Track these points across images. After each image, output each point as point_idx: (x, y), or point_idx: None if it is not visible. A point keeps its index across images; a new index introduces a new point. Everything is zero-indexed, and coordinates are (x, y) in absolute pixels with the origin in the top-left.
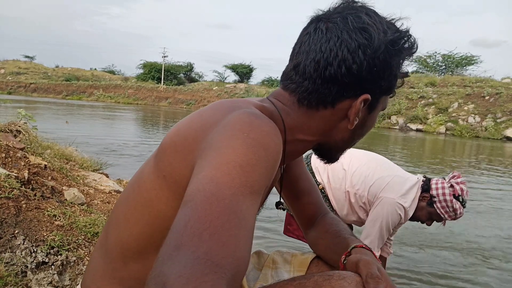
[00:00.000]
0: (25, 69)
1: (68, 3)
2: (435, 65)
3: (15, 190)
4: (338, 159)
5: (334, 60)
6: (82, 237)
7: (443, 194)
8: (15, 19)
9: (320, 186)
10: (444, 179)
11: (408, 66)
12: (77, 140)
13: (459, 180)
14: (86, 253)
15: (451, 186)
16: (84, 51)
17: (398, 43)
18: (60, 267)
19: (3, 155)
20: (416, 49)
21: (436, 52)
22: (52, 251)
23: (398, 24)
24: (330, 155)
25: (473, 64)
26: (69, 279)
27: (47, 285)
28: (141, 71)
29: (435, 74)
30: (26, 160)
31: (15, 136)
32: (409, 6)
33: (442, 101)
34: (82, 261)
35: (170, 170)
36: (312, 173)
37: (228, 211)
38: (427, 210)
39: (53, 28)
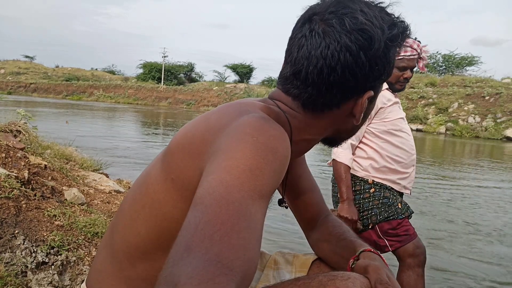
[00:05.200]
0: (25, 69)
1: (67, 3)
2: (435, 65)
3: (15, 190)
4: (341, 144)
5: (337, 65)
6: (82, 237)
7: None
8: (15, 19)
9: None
10: None
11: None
12: (77, 140)
13: None
14: (86, 253)
15: None
16: (84, 51)
17: (397, 38)
18: (60, 267)
19: (3, 155)
20: (410, 33)
21: (437, 52)
22: (52, 251)
23: (389, 10)
24: (335, 143)
25: (473, 64)
26: (69, 279)
27: (47, 285)
28: (141, 71)
29: (435, 74)
30: (26, 160)
31: (15, 136)
32: (409, 6)
33: (442, 101)
34: (82, 261)
35: (178, 173)
36: None
37: (237, 214)
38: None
39: (53, 28)
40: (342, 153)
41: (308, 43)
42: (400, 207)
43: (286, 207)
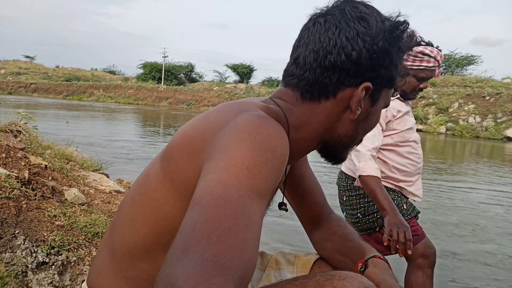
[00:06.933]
0: (26, 69)
1: (67, 3)
2: None
3: (15, 190)
4: (345, 158)
5: (333, 48)
6: (83, 237)
7: None
8: (15, 19)
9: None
10: None
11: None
12: (77, 140)
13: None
14: (86, 253)
15: None
16: (85, 51)
17: (396, 30)
18: (61, 267)
19: (4, 155)
20: (415, 43)
21: None
22: (52, 251)
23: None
24: (336, 154)
25: (473, 63)
26: (70, 279)
27: (48, 285)
28: (141, 71)
29: None
30: (27, 160)
31: (15, 136)
32: (409, 6)
33: (443, 101)
34: (82, 261)
35: (177, 172)
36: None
37: (235, 214)
38: (409, 76)
39: (53, 28)
40: (365, 165)
41: (309, 32)
42: (405, 207)
43: (286, 210)
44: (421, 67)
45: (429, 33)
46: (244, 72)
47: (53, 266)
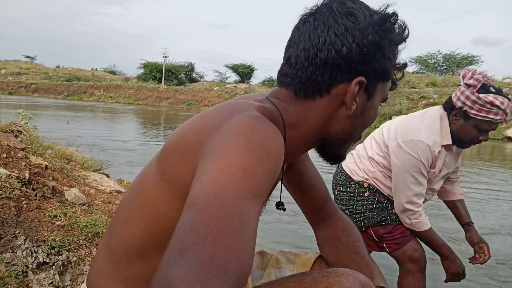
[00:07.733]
0: (26, 70)
1: (67, 3)
2: (436, 65)
3: (16, 190)
4: (343, 156)
5: (323, 45)
6: (83, 237)
7: (467, 97)
8: (15, 19)
9: (365, 184)
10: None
11: (409, 66)
12: (77, 140)
13: (472, 75)
14: (87, 253)
15: (468, 86)
16: (85, 51)
17: (385, 22)
18: (61, 267)
19: (4, 155)
20: (408, 34)
21: (438, 52)
22: (53, 251)
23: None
24: (334, 152)
25: (474, 64)
26: (70, 280)
27: (48, 285)
28: (142, 71)
29: (436, 74)
30: (27, 160)
31: (16, 136)
32: (409, 6)
33: (443, 101)
34: (83, 262)
35: (172, 172)
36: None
37: (231, 215)
38: (469, 125)
39: (53, 28)
40: (418, 223)
41: (299, 32)
42: (394, 212)
43: (284, 210)
44: (486, 119)
45: (429, 33)
46: (244, 72)
47: (53, 266)
